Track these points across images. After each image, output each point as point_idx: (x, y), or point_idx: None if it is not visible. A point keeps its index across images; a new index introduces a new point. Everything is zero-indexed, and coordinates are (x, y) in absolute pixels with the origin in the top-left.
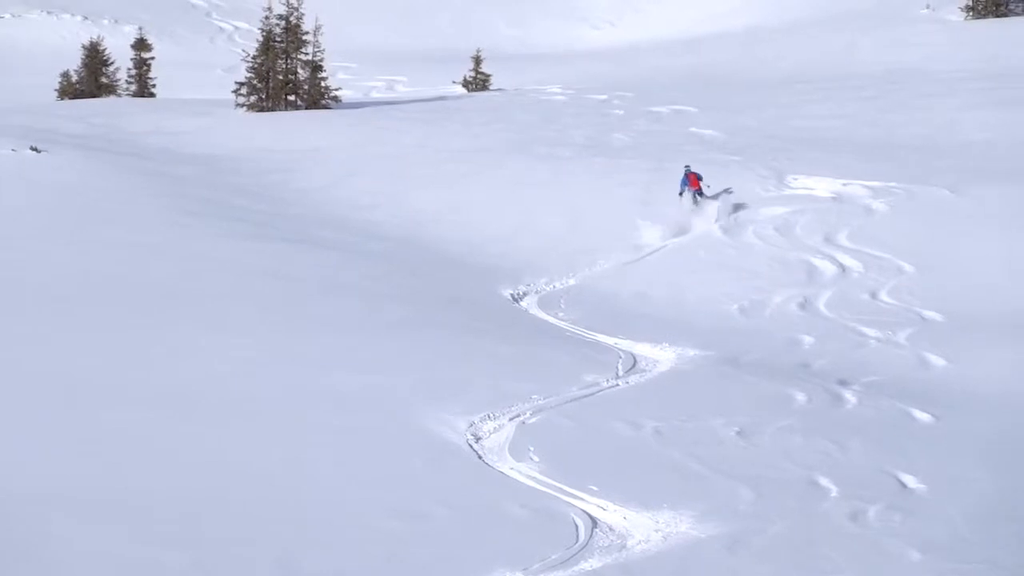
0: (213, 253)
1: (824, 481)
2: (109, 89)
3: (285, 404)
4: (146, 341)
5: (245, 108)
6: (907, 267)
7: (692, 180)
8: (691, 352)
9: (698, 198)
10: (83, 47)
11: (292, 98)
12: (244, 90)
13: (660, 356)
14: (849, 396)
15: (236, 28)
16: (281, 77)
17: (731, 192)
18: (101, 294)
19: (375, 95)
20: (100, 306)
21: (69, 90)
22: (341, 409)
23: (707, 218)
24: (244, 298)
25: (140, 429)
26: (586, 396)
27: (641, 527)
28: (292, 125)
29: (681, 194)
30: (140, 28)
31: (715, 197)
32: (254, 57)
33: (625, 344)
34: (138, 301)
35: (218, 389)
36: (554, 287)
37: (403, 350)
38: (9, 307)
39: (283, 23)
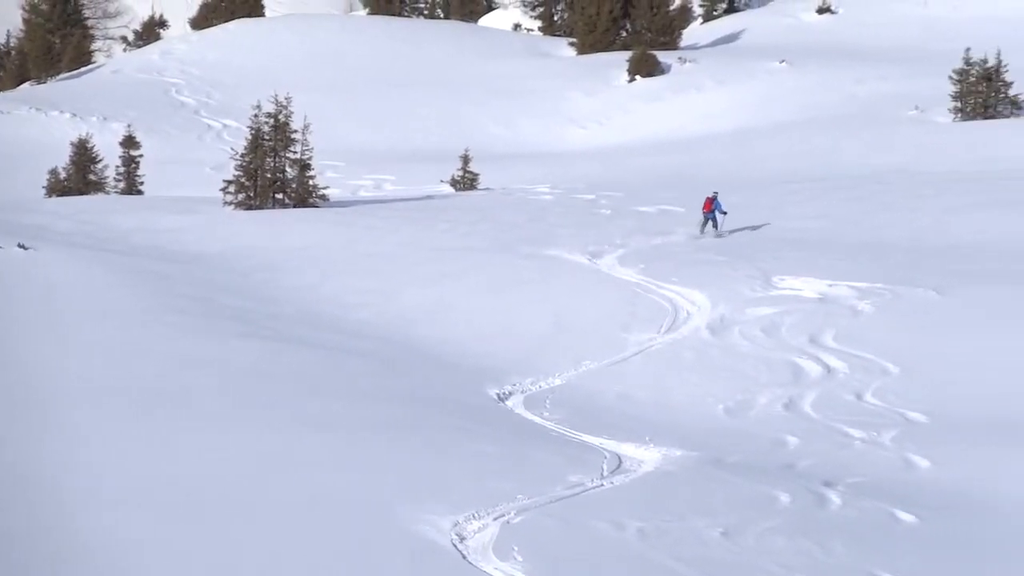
0: (198, 352)
1: None
2: (97, 186)
3: (268, 504)
4: (127, 441)
5: (233, 206)
6: (892, 368)
7: (706, 204)
8: (676, 452)
9: (709, 224)
10: (71, 144)
11: (280, 196)
12: (232, 188)
13: (645, 456)
14: (833, 497)
15: (225, 126)
16: (269, 175)
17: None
18: (84, 393)
19: (363, 194)
20: (82, 405)
21: (57, 187)
22: (325, 509)
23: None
24: (228, 397)
25: (117, 531)
26: (571, 496)
27: None
28: (280, 223)
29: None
30: (129, 125)
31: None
32: (242, 155)
33: (610, 444)
34: (121, 400)
35: (198, 489)
36: (540, 387)
37: (388, 449)
38: None
39: (272, 121)
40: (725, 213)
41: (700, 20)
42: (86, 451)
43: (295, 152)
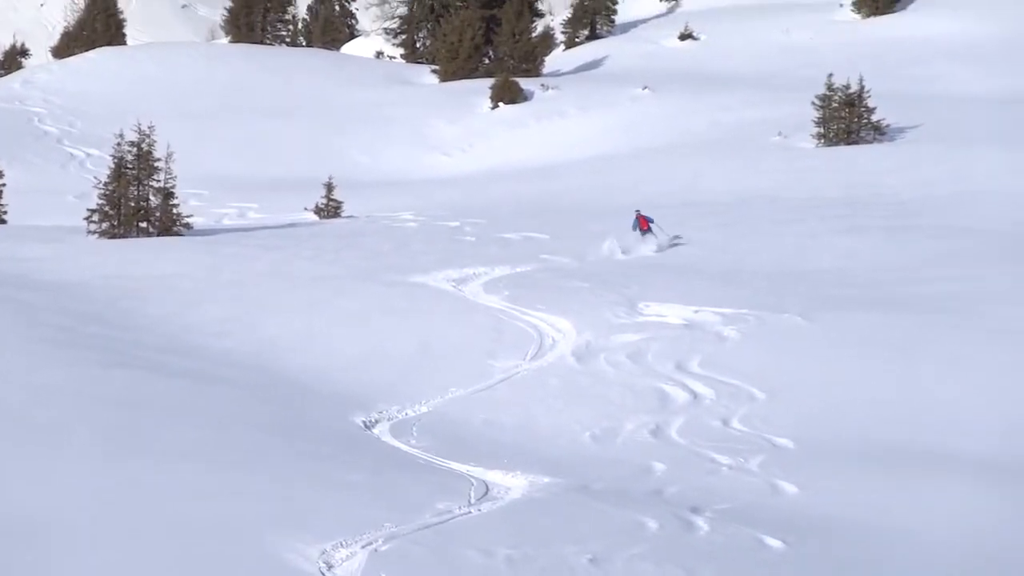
0: (61, 381)
1: None
2: None
3: (131, 533)
4: None
5: (97, 235)
6: (758, 394)
7: (641, 222)
8: (543, 479)
9: (646, 236)
10: None
11: (144, 225)
12: (96, 217)
13: (512, 483)
14: (701, 523)
15: (88, 155)
16: (133, 204)
17: (674, 237)
18: None
19: (227, 222)
20: None
21: None
22: (189, 538)
23: (648, 247)
24: (91, 426)
25: None
26: (439, 523)
27: None
28: (144, 252)
29: (634, 229)
30: None
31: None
32: (105, 184)
33: (477, 471)
34: None
35: (62, 519)
36: (406, 414)
37: (252, 478)
38: None
39: (135, 150)
40: (652, 220)
41: (562, 47)
42: None
43: (159, 181)
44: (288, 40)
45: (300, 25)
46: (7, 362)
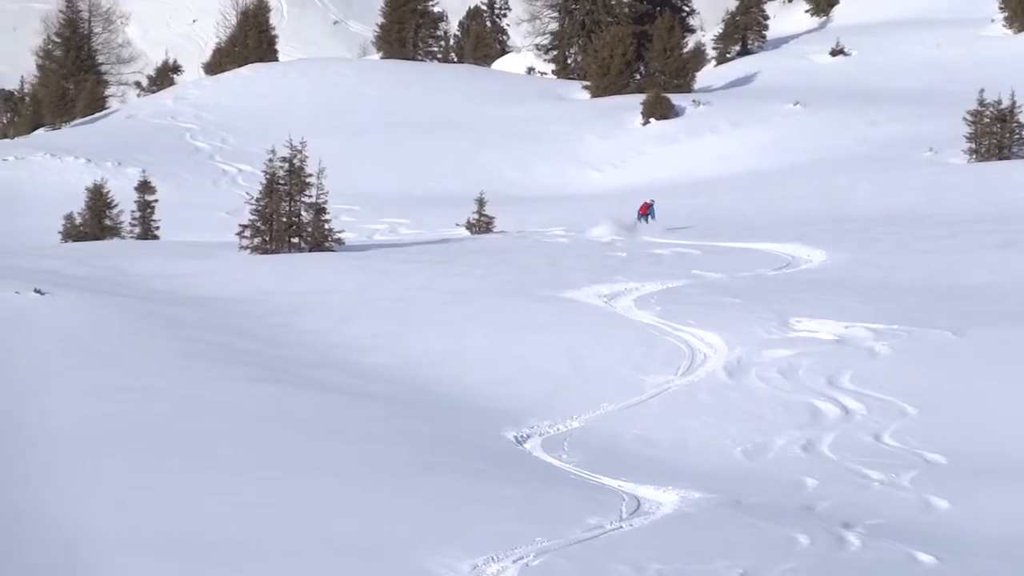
0: (212, 396)
1: None
2: (113, 231)
3: (282, 550)
4: (139, 486)
5: (249, 250)
6: (910, 409)
7: (643, 207)
8: (694, 495)
9: (639, 222)
10: (87, 189)
11: (296, 240)
12: (247, 232)
13: (663, 499)
14: (852, 539)
15: (239, 170)
16: (285, 219)
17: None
18: (98, 439)
19: (378, 237)
20: (97, 452)
21: (73, 232)
22: (340, 554)
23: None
24: (242, 442)
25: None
26: (590, 539)
27: None
28: (295, 267)
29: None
30: (143, 170)
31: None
32: (257, 199)
33: (628, 487)
34: (135, 445)
35: (213, 535)
36: (558, 429)
37: (404, 493)
38: (5, 453)
39: (286, 165)
40: (654, 219)
41: (714, 63)
42: (96, 496)
43: (310, 196)
44: (440, 56)
45: (452, 41)
46: (157, 377)
